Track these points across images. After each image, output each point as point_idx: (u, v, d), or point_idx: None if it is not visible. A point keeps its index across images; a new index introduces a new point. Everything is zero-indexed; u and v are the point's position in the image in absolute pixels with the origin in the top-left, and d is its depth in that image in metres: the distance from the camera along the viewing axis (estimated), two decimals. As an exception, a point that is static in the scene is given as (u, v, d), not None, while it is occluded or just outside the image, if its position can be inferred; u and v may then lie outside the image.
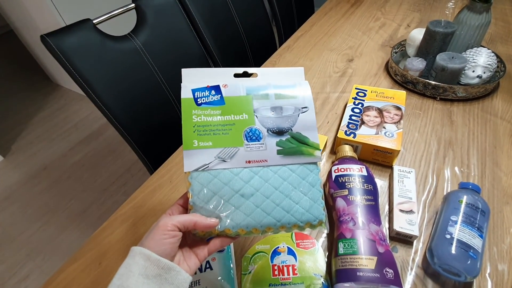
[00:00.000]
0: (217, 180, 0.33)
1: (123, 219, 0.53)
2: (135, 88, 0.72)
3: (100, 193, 1.50)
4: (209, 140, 0.33)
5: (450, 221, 0.42)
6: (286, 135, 0.35)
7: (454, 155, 0.56)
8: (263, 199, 0.33)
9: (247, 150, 0.34)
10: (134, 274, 0.27)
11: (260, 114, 0.35)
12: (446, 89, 0.65)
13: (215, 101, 0.35)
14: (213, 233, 0.33)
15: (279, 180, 0.34)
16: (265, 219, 0.32)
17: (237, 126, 0.34)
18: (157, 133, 0.79)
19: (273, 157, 0.34)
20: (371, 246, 0.38)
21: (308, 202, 0.34)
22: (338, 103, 0.71)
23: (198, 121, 0.34)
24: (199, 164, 0.33)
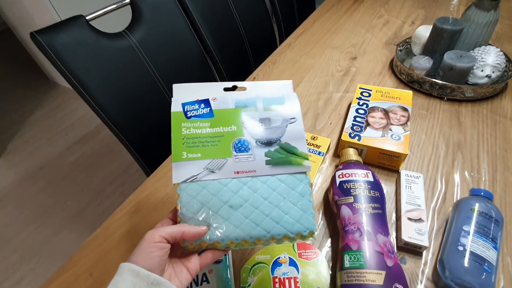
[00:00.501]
0: (206, 191, 0.33)
1: (117, 226, 0.51)
2: (131, 88, 0.69)
3: (97, 194, 1.48)
4: (198, 152, 0.34)
5: (463, 231, 0.39)
6: (274, 146, 0.35)
7: (463, 158, 0.54)
8: (252, 210, 0.32)
9: (235, 161, 0.34)
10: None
11: (248, 126, 0.35)
12: (454, 89, 0.63)
13: (205, 114, 0.35)
14: (203, 247, 0.32)
15: (268, 191, 0.33)
16: (254, 230, 0.32)
17: (226, 137, 0.34)
18: (153, 134, 0.76)
19: (262, 167, 0.34)
20: (379, 259, 0.36)
21: (298, 212, 0.33)
22: (341, 103, 0.69)
23: (187, 133, 0.34)
24: (188, 175, 0.33)
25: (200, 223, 0.32)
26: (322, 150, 0.51)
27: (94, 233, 0.51)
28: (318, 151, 0.51)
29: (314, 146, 0.52)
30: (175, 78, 0.78)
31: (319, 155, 0.50)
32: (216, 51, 0.87)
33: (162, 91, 0.75)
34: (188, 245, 0.32)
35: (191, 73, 0.82)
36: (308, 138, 0.54)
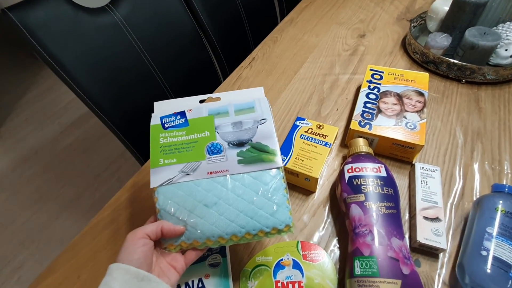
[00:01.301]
0: (181, 192, 0.35)
1: (105, 224, 0.47)
2: (116, 68, 0.63)
3: (93, 179, 1.45)
4: (173, 157, 0.36)
5: (486, 234, 0.35)
6: (246, 146, 0.37)
7: (483, 148, 0.49)
8: (226, 207, 0.34)
9: (208, 163, 0.36)
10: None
11: (221, 130, 0.38)
12: (475, 70, 0.57)
13: (180, 124, 0.38)
14: (183, 247, 0.34)
15: (241, 188, 0.35)
16: (229, 227, 0.33)
17: (199, 142, 0.37)
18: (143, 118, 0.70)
19: (234, 166, 0.36)
20: (394, 267, 0.32)
21: (272, 207, 0.34)
22: (348, 86, 0.63)
23: (164, 142, 0.37)
24: (164, 179, 0.35)
25: (178, 223, 0.34)
26: (329, 141, 0.47)
27: (82, 232, 0.47)
28: (324, 142, 0.46)
29: (320, 136, 0.48)
30: (165, 57, 0.71)
31: (326, 146, 0.46)
32: (210, 27, 0.79)
33: (150, 70, 0.69)
34: (168, 246, 0.34)
35: (183, 52, 0.75)
36: (313, 127, 0.49)
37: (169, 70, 0.73)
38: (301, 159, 0.45)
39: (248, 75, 0.69)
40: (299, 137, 0.48)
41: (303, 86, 0.64)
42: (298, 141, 0.47)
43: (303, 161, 0.45)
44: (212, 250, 0.40)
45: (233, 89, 0.66)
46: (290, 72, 0.68)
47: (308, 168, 0.44)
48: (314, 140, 0.47)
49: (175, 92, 0.76)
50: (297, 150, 0.46)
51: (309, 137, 0.48)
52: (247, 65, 0.72)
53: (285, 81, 0.66)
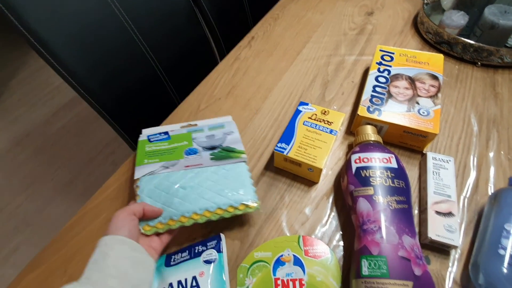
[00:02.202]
0: (160, 178, 0.40)
1: (94, 214, 0.44)
2: (103, 46, 0.58)
3: (87, 162, 1.41)
4: (156, 158, 0.42)
5: (504, 231, 0.33)
6: (217, 149, 0.44)
7: (499, 137, 0.46)
8: (199, 188, 0.39)
9: (186, 160, 0.42)
10: (111, 257, 0.29)
11: (197, 140, 0.45)
12: (492, 52, 0.52)
13: (164, 138, 0.46)
14: (159, 228, 0.36)
15: (213, 174, 0.40)
16: (200, 202, 0.37)
17: (179, 149, 0.44)
18: (134, 101, 0.66)
19: (207, 161, 0.42)
20: (405, 267, 0.30)
21: (239, 186, 0.39)
22: (355, 68, 0.58)
23: (149, 150, 0.44)
24: (147, 171, 0.41)
25: (156, 205, 0.37)
26: (334, 128, 0.43)
27: (70, 222, 0.44)
28: (329, 129, 0.43)
29: (324, 122, 0.44)
30: (158, 36, 0.66)
31: (331, 134, 0.42)
32: (206, 2, 0.73)
33: (141, 48, 0.63)
34: (144, 227, 0.36)
35: (177, 30, 0.69)
36: (318, 113, 0.45)
37: (161, 50, 0.68)
38: (304, 148, 0.41)
39: (247, 56, 0.64)
40: (302, 124, 0.44)
41: (306, 68, 0.59)
42: (301, 128, 0.44)
43: (306, 150, 0.41)
44: (207, 246, 0.37)
45: (231, 70, 0.61)
46: (292, 52, 0.63)
47: (312, 158, 0.40)
48: (318, 127, 0.44)
49: (168, 74, 0.71)
50: (300, 137, 0.43)
51: (313, 123, 0.44)
52: (246, 44, 0.66)
53: (287, 62, 0.61)
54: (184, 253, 0.38)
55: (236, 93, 0.57)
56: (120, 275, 0.28)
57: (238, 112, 0.54)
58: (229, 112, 0.54)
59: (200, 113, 0.55)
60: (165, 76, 0.71)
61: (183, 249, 0.38)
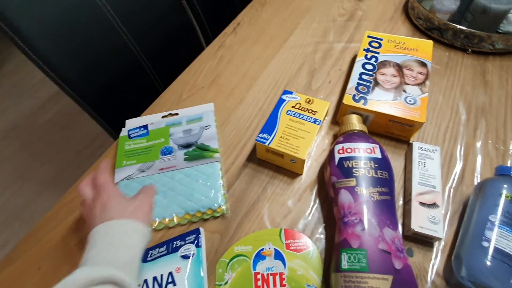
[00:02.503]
0: (135, 183, 0.42)
1: (68, 210, 0.42)
2: (81, 34, 0.55)
3: (75, 155, 1.38)
4: (134, 159, 0.45)
5: (489, 223, 0.32)
6: (192, 147, 0.45)
7: (487, 126, 0.44)
8: (170, 193, 0.41)
9: (161, 162, 0.44)
10: (135, 246, 0.29)
11: (174, 136, 0.47)
12: (484, 38, 0.51)
13: (142, 134, 0.47)
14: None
15: (184, 178, 0.42)
16: (170, 208, 0.40)
17: (156, 147, 0.46)
18: (117, 91, 0.63)
19: (181, 162, 0.44)
20: (386, 261, 0.29)
21: (208, 191, 0.40)
22: (343, 56, 0.56)
23: (128, 148, 0.46)
24: (124, 176, 0.43)
25: None
26: (319, 117, 0.41)
27: (43, 218, 0.43)
28: (313, 119, 0.41)
29: (308, 111, 0.42)
30: (140, 23, 0.63)
31: (315, 124, 0.41)
32: (191, -12, 0.70)
33: (122, 36, 0.61)
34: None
35: (161, 17, 0.66)
36: (302, 102, 0.44)
37: (144, 38, 0.65)
38: (286, 138, 0.40)
39: (232, 43, 0.61)
40: (285, 113, 0.42)
41: (293, 56, 0.57)
42: (284, 118, 0.42)
43: (289, 140, 0.40)
44: (186, 240, 0.36)
45: (215, 58, 0.59)
46: (279, 39, 0.61)
47: (294, 149, 0.39)
48: (302, 116, 0.42)
49: (152, 62, 0.68)
50: (283, 127, 0.41)
51: (297, 113, 0.42)
52: (231, 31, 0.64)
53: (273, 50, 0.59)
54: (162, 248, 0.36)
55: (220, 82, 0.55)
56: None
57: (222, 102, 0.52)
58: (212, 101, 0.52)
59: (182, 102, 0.53)
60: (149, 65, 0.69)
61: (160, 244, 0.37)
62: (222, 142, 0.46)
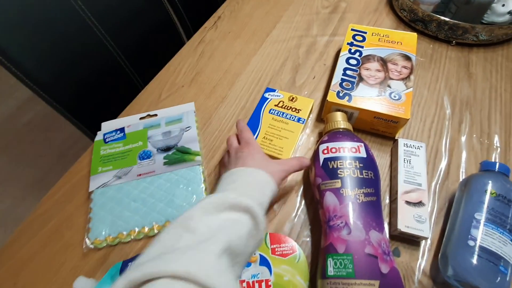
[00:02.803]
0: (113, 192, 0.40)
1: (43, 221, 0.40)
2: (51, 32, 0.52)
3: (58, 158, 1.33)
4: (110, 165, 0.42)
5: (474, 221, 0.31)
6: (172, 150, 0.43)
7: (472, 120, 0.44)
8: (149, 200, 0.39)
9: (139, 167, 0.42)
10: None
11: (152, 139, 0.44)
12: (468, 29, 0.50)
13: (119, 137, 0.45)
14: (109, 241, 0.36)
15: (164, 183, 0.40)
16: (150, 216, 0.38)
17: (133, 151, 0.43)
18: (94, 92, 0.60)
19: (160, 167, 0.41)
20: (372, 265, 0.28)
21: (190, 196, 0.39)
22: (327, 50, 0.55)
23: (103, 154, 0.43)
24: (100, 183, 0.41)
25: (109, 219, 0.38)
26: (302, 116, 0.40)
27: (17, 229, 0.40)
28: (297, 117, 0.40)
29: (292, 110, 0.41)
30: (115, 20, 0.59)
31: (299, 123, 0.39)
32: (168, -20, 0.66)
33: (96, 33, 0.57)
34: (95, 241, 0.36)
35: (137, 12, 0.63)
36: (285, 99, 0.42)
37: (120, 36, 0.61)
38: (269, 139, 0.38)
39: (213, 38, 0.59)
40: (267, 112, 0.41)
41: (276, 51, 0.55)
42: (267, 117, 0.41)
43: (272, 141, 0.38)
44: (166, 250, 0.34)
45: (195, 55, 0.57)
46: (262, 34, 0.59)
47: (278, 150, 0.37)
48: (285, 115, 0.40)
49: (131, 60, 0.65)
50: (265, 127, 0.39)
51: (280, 111, 0.41)
52: (212, 25, 0.61)
53: (256, 44, 0.57)
54: (142, 259, 0.35)
55: (200, 80, 0.53)
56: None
57: (203, 101, 0.50)
58: (193, 100, 0.50)
59: (161, 102, 0.50)
60: (127, 63, 0.65)
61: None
62: (204, 144, 0.45)
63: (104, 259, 0.36)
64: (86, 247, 0.36)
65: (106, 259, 0.36)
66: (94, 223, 0.38)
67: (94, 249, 0.37)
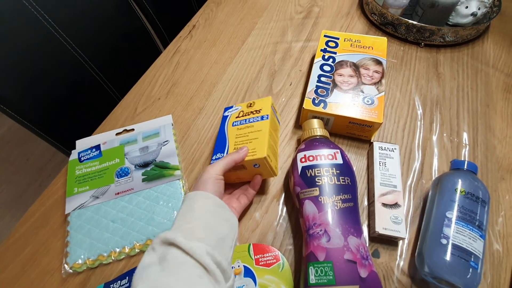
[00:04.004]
0: (90, 213, 0.39)
1: (18, 248, 0.38)
2: (19, 49, 0.50)
3: (36, 173, 1.28)
4: (86, 185, 0.41)
5: (446, 219, 0.33)
6: (150, 166, 0.42)
7: (442, 119, 0.46)
8: (129, 219, 0.38)
9: (116, 185, 0.41)
10: (196, 210, 0.30)
11: (129, 156, 0.43)
12: (434, 31, 0.52)
13: (95, 156, 0.44)
14: (89, 264, 0.36)
15: (143, 201, 0.40)
16: (130, 236, 0.37)
17: (110, 169, 0.42)
18: (66, 106, 0.58)
19: (139, 184, 0.41)
20: (351, 271, 0.29)
21: (170, 213, 0.39)
22: (302, 56, 0.56)
23: (79, 174, 0.42)
24: (77, 205, 0.40)
25: (85, 240, 0.37)
26: (264, 113, 0.40)
27: (-11, 260, 0.38)
28: (260, 116, 0.39)
29: (253, 113, 0.40)
30: (82, 30, 0.58)
31: (264, 120, 0.39)
32: (140, -11, 0.65)
33: (66, 47, 0.55)
34: (74, 265, 0.36)
35: (106, 21, 0.61)
36: (244, 109, 0.42)
37: (90, 46, 0.60)
38: (240, 147, 0.38)
39: (188, 48, 0.58)
40: (231, 126, 0.41)
41: (252, 58, 0.56)
42: (231, 131, 0.40)
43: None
44: (149, 269, 0.34)
45: (171, 65, 0.56)
46: (237, 41, 0.59)
47: (251, 153, 0.36)
48: (248, 120, 0.40)
49: (103, 70, 0.63)
50: (233, 140, 0.39)
51: (242, 120, 0.41)
52: (187, 34, 0.61)
53: (231, 52, 0.57)
54: (124, 280, 0.34)
55: (177, 91, 0.52)
56: (206, 227, 0.29)
57: (180, 113, 0.49)
58: (170, 113, 0.49)
59: (137, 117, 0.49)
60: (101, 75, 0.64)
61: (122, 276, 0.35)
62: (183, 158, 0.44)
63: (84, 283, 0.35)
64: (65, 272, 0.35)
65: (86, 283, 0.35)
66: (72, 247, 0.37)
67: (74, 273, 0.36)
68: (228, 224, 0.31)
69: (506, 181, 0.40)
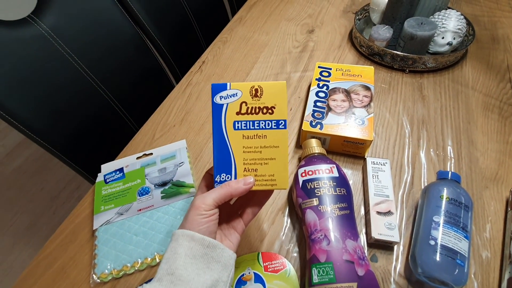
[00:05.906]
0: (115, 228, 0.44)
1: (48, 263, 0.43)
2: (49, 85, 0.57)
3: (50, 201, 1.33)
4: (112, 203, 0.46)
5: (433, 223, 0.37)
6: (168, 184, 0.47)
7: (428, 136, 0.51)
8: (150, 233, 0.43)
9: (138, 203, 0.46)
10: (181, 256, 0.28)
11: (149, 176, 0.49)
12: (416, 60, 0.59)
13: (119, 177, 0.49)
14: (114, 274, 0.39)
15: (163, 216, 0.44)
16: (151, 247, 0.41)
17: (133, 189, 0.47)
18: (89, 136, 0.65)
19: (158, 201, 0.46)
20: (350, 270, 0.32)
21: None
22: (300, 84, 0.62)
23: (105, 193, 0.47)
24: (103, 221, 0.44)
25: (113, 254, 0.41)
26: (280, 116, 0.30)
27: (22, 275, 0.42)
28: (275, 121, 0.30)
29: (263, 111, 0.30)
30: (106, 68, 0.66)
31: (280, 128, 0.30)
32: (155, 32, 0.75)
33: (91, 84, 0.63)
34: (101, 275, 0.39)
35: (128, 61, 0.70)
36: (246, 97, 0.31)
37: (113, 82, 0.68)
38: (253, 169, 0.30)
39: (199, 81, 0.66)
40: (232, 129, 0.30)
41: (256, 88, 0.63)
42: (235, 137, 0.30)
43: (256, 170, 0.30)
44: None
45: (184, 96, 0.63)
46: (242, 74, 0.66)
47: (269, 180, 0.30)
48: (257, 124, 0.30)
49: (124, 104, 0.71)
50: (240, 156, 0.30)
51: (248, 121, 0.30)
52: (197, 69, 0.69)
53: (237, 83, 0.64)
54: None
55: (190, 119, 0.58)
56: (190, 278, 0.26)
57: (193, 137, 0.55)
58: (184, 138, 0.55)
59: (155, 142, 0.55)
60: (120, 106, 0.71)
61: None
62: (197, 177, 0.49)
63: (110, 292, 0.39)
64: (93, 281, 0.39)
65: (112, 292, 0.39)
66: (99, 259, 0.41)
67: (100, 283, 0.39)
68: (219, 266, 0.28)
69: (489, 189, 0.44)
